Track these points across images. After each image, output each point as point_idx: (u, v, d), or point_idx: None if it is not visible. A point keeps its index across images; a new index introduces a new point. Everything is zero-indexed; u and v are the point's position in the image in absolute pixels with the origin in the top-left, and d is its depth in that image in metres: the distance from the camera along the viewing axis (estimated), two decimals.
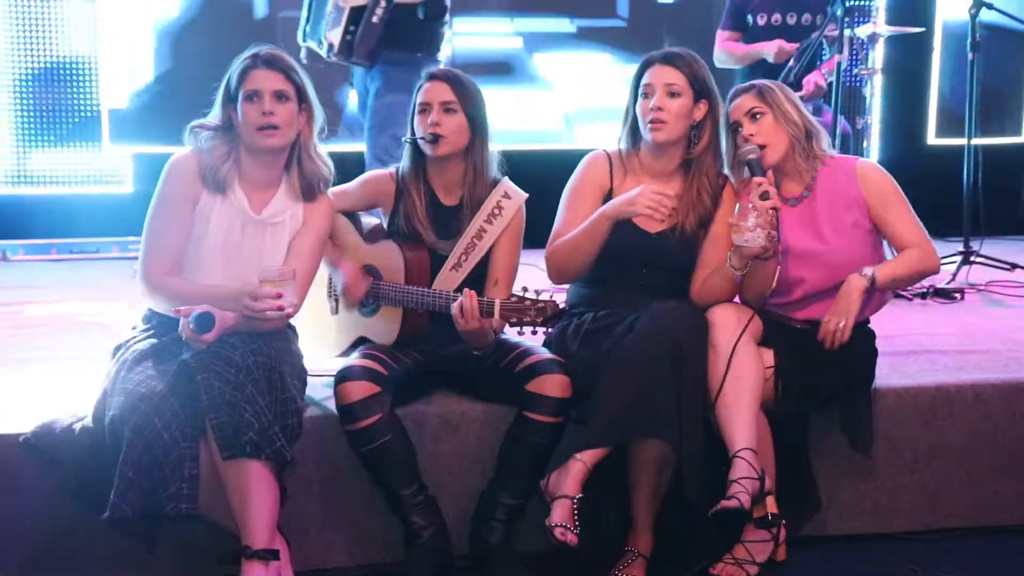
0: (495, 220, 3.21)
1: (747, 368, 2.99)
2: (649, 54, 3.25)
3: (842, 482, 3.39)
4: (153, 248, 2.97)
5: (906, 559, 3.21)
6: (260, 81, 2.93)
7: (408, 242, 3.22)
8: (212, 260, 2.97)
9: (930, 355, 3.83)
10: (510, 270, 3.25)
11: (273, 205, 3.01)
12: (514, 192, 3.25)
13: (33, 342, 4.09)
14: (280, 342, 2.93)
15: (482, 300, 2.96)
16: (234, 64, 2.99)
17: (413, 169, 3.27)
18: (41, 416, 2.97)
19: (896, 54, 6.80)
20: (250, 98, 2.93)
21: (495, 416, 3.20)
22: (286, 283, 2.81)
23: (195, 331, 2.76)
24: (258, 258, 2.95)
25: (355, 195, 3.35)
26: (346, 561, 3.20)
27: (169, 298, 2.91)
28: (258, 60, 2.96)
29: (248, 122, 2.93)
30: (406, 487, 3.03)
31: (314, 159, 3.05)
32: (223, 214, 2.97)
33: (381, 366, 3.04)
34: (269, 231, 3.01)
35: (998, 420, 3.46)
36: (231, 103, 2.97)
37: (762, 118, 3.18)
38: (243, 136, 2.96)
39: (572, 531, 2.83)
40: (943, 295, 4.97)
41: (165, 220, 2.97)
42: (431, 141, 3.16)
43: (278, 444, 2.74)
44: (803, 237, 3.19)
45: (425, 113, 3.18)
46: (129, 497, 2.67)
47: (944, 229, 6.12)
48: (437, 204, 3.26)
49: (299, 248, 3.03)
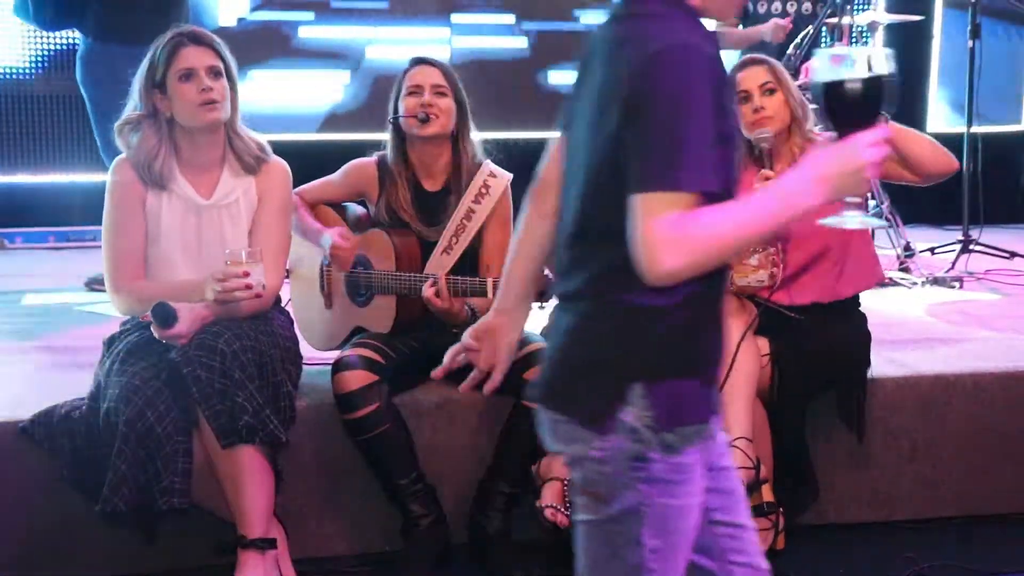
0: (483, 200, 3.22)
1: (744, 360, 2.99)
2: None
3: (841, 471, 3.39)
4: (115, 258, 2.94)
5: (905, 548, 3.21)
6: (192, 59, 2.88)
7: (396, 229, 3.22)
8: (174, 256, 2.95)
9: (929, 344, 3.82)
10: (502, 253, 3.24)
11: (222, 187, 2.97)
12: (499, 172, 3.27)
13: (31, 330, 4.08)
14: (269, 326, 2.90)
15: (475, 280, 2.97)
16: (155, 48, 2.91)
17: (396, 156, 3.27)
18: (39, 404, 2.97)
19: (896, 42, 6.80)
20: (185, 77, 2.87)
21: (492, 405, 3.19)
22: (254, 264, 2.79)
23: (159, 326, 2.74)
24: (220, 244, 2.92)
25: (339, 185, 3.35)
26: (344, 550, 3.20)
27: (141, 302, 2.86)
28: (185, 38, 2.90)
29: (186, 101, 2.87)
30: (404, 476, 3.03)
31: (242, 136, 3.00)
32: (173, 208, 2.94)
33: (378, 355, 3.04)
34: (225, 214, 2.97)
35: (997, 409, 3.46)
36: (155, 88, 2.89)
37: (775, 94, 3.19)
38: (180, 118, 2.90)
39: (562, 512, 2.83)
40: (942, 284, 4.97)
41: (119, 228, 2.94)
42: (423, 120, 3.16)
43: (271, 426, 2.73)
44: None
45: (415, 95, 3.19)
46: (122, 491, 2.66)
47: (943, 217, 6.15)
48: (421, 190, 3.27)
49: (262, 223, 2.99)
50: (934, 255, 5.54)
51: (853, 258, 3.26)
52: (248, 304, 2.82)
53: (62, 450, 2.87)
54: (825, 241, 3.19)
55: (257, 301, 2.84)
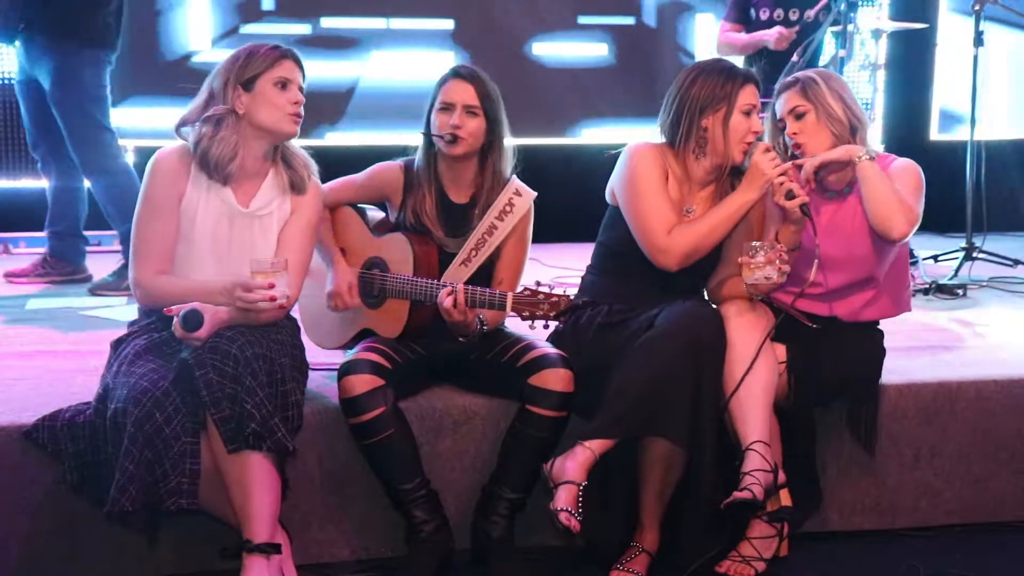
0: (506, 217, 3.21)
1: (763, 364, 2.99)
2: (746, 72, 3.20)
3: (844, 478, 3.39)
4: (144, 248, 2.95)
5: (908, 556, 3.21)
6: (290, 71, 2.95)
7: (417, 235, 3.22)
8: (202, 256, 2.95)
9: (932, 351, 3.83)
10: (517, 270, 3.26)
11: (260, 197, 2.99)
12: (525, 191, 3.25)
13: (35, 334, 4.08)
14: (279, 334, 2.91)
15: (494, 293, 2.96)
16: (250, 51, 2.95)
17: (425, 165, 3.26)
18: (43, 408, 2.97)
19: (899, 50, 6.80)
20: (282, 85, 2.93)
21: (497, 410, 3.20)
22: (278, 274, 2.81)
23: (184, 329, 2.75)
24: (249, 251, 2.93)
25: (361, 187, 3.35)
26: (348, 555, 3.19)
27: (162, 297, 2.88)
28: (286, 52, 2.97)
29: (276, 106, 2.92)
30: (408, 481, 3.02)
31: (295, 152, 3.06)
32: (209, 210, 2.95)
33: (385, 359, 3.04)
34: (257, 224, 2.99)
35: (1000, 417, 3.46)
36: (241, 87, 2.92)
37: (805, 116, 3.18)
38: (259, 120, 2.93)
39: (576, 517, 2.83)
40: (946, 291, 4.97)
41: (154, 220, 2.94)
42: (450, 141, 3.16)
43: (279, 434, 2.73)
44: (835, 234, 3.19)
45: (446, 112, 3.17)
46: (129, 491, 2.66)
47: (946, 225, 6.15)
48: (447, 201, 3.26)
49: (289, 237, 3.01)
50: (937, 262, 5.54)
51: (888, 289, 3.27)
52: (268, 313, 2.83)
53: (66, 454, 2.86)
54: (870, 270, 3.20)
55: (277, 311, 2.85)
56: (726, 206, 3.12)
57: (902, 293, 3.36)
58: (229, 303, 2.81)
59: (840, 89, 3.21)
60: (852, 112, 3.19)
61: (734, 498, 2.84)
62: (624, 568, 3.05)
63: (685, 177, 3.21)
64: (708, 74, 3.15)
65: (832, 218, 3.23)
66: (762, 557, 3.08)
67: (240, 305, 2.79)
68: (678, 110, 3.16)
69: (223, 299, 2.82)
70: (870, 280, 3.24)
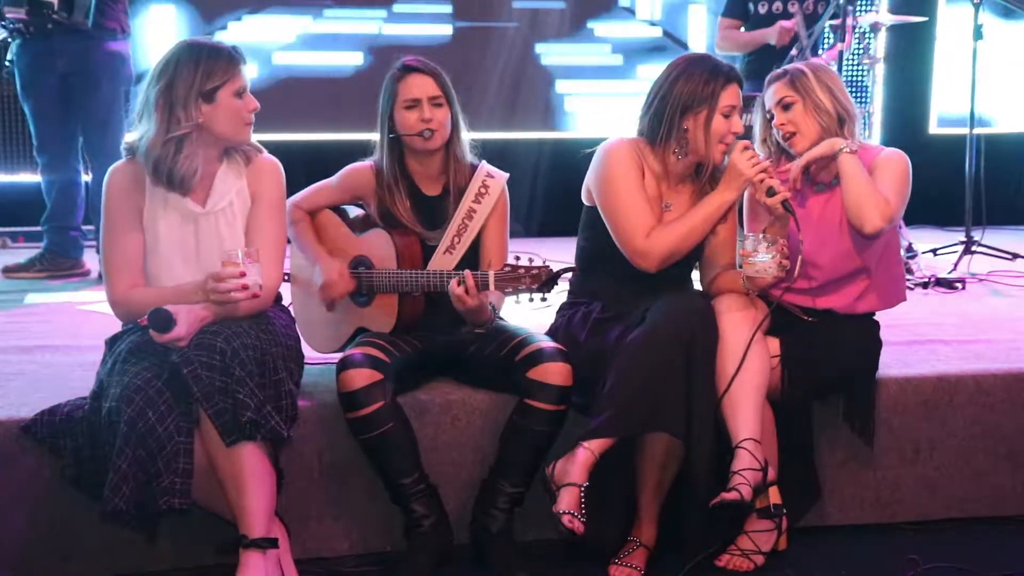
0: (483, 199, 3.23)
1: (754, 360, 2.98)
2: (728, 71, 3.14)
3: (843, 472, 3.39)
4: (114, 266, 2.95)
5: (907, 549, 3.21)
6: (245, 78, 2.94)
7: (397, 229, 3.22)
8: (172, 265, 2.94)
9: (931, 345, 3.82)
10: (502, 250, 3.27)
11: (215, 193, 2.97)
12: (496, 172, 3.29)
13: (33, 329, 4.08)
14: (271, 326, 2.90)
15: (476, 273, 2.96)
16: (207, 61, 2.88)
17: (392, 164, 3.26)
18: (41, 404, 2.96)
19: (898, 43, 6.79)
20: (239, 94, 2.91)
21: (496, 404, 3.19)
22: (251, 264, 2.80)
23: (158, 331, 2.73)
24: (218, 249, 2.92)
25: (336, 190, 3.35)
26: (346, 550, 3.19)
27: (140, 309, 2.85)
28: (240, 57, 2.93)
29: (237, 116, 2.91)
30: (407, 476, 3.02)
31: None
32: (169, 219, 2.94)
33: (383, 353, 3.04)
34: (222, 219, 2.97)
35: (1000, 410, 3.46)
36: (200, 99, 2.87)
37: (793, 107, 3.18)
38: (220, 132, 2.91)
39: (579, 519, 2.82)
40: (945, 285, 4.97)
41: (119, 236, 2.94)
42: (428, 137, 3.15)
43: (273, 422, 2.73)
44: (825, 225, 3.19)
45: (413, 109, 3.17)
46: (122, 491, 2.66)
47: (945, 219, 6.15)
48: (420, 196, 3.27)
49: (256, 222, 3.00)
50: (936, 256, 5.54)
51: (881, 280, 3.27)
52: (247, 304, 2.83)
53: (64, 449, 2.87)
54: (863, 261, 3.20)
55: (256, 301, 2.84)
56: (704, 207, 3.12)
57: (896, 283, 3.35)
58: (205, 299, 2.81)
59: (829, 81, 3.20)
60: (840, 104, 3.19)
61: (721, 499, 2.84)
62: (622, 563, 3.05)
63: (663, 173, 3.20)
64: (691, 72, 3.12)
65: (822, 210, 3.23)
66: (761, 551, 3.08)
67: (214, 298, 2.79)
68: (660, 108, 3.14)
69: (198, 297, 2.82)
70: (862, 271, 3.23)
